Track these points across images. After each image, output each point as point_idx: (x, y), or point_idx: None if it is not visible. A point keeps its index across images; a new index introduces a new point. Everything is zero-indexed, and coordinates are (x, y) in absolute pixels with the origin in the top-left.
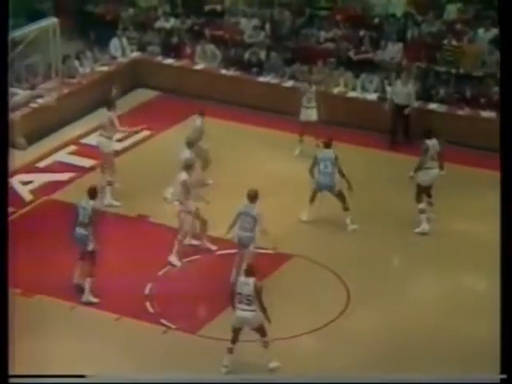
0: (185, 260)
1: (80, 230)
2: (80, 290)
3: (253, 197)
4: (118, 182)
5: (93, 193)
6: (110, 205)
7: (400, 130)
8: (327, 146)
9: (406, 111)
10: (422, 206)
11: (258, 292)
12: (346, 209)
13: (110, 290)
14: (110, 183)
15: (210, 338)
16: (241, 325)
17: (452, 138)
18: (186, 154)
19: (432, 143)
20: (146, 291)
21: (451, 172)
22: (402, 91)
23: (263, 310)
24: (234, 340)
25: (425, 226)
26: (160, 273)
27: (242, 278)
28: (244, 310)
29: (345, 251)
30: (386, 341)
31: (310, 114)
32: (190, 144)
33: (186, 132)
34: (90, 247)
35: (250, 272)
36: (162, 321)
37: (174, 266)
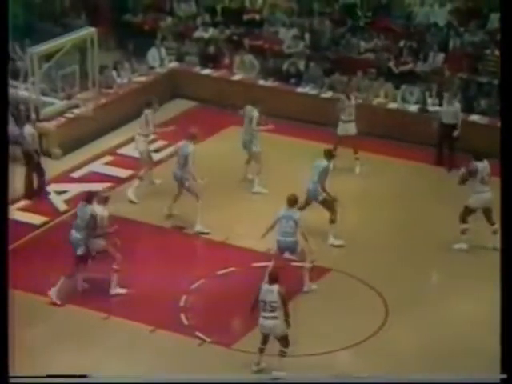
0: (219, 272)
1: (75, 234)
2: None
3: (293, 201)
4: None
5: (89, 198)
6: (129, 199)
7: (446, 146)
8: (324, 154)
9: (456, 133)
10: (465, 226)
11: (282, 298)
12: (331, 221)
13: (145, 301)
14: (140, 178)
15: (245, 351)
16: (266, 332)
17: (494, 150)
18: (192, 148)
19: (483, 166)
20: (181, 303)
21: (494, 186)
22: (448, 110)
23: (286, 315)
24: (264, 342)
25: (463, 246)
26: (195, 285)
27: (266, 286)
28: (267, 317)
29: (382, 265)
30: (425, 355)
31: (349, 128)
32: (194, 138)
33: (223, 143)
34: (80, 251)
35: (273, 279)
36: (197, 333)
37: None
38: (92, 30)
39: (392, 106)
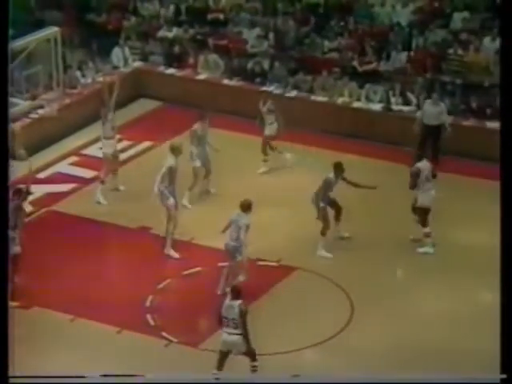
0: (185, 272)
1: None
2: None
3: (245, 207)
4: (122, 185)
5: (15, 193)
6: (98, 202)
7: (429, 150)
8: (333, 167)
9: (444, 134)
10: (427, 230)
11: (242, 316)
12: (322, 233)
13: (111, 302)
14: (102, 181)
15: (212, 351)
16: (228, 349)
17: (457, 148)
18: (171, 161)
19: (424, 165)
20: (147, 303)
21: (456, 183)
22: (434, 111)
23: (246, 334)
24: (220, 366)
25: (429, 250)
26: (161, 285)
27: (228, 301)
28: (231, 333)
29: (348, 264)
30: (390, 354)
31: (267, 130)
32: (175, 150)
33: (188, 142)
34: (14, 250)
35: (235, 295)
36: (163, 334)
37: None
38: (56, 29)
39: (356, 104)
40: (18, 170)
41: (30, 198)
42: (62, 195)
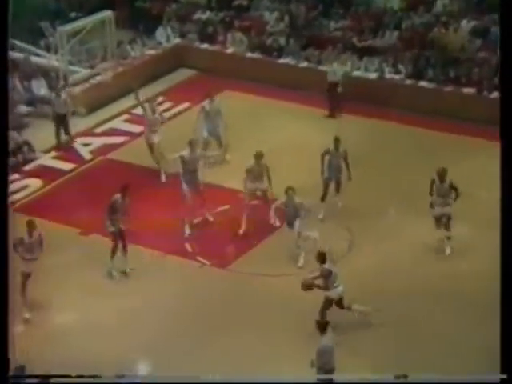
0: (217, 210)
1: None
2: None
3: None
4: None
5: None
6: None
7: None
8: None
9: (339, 89)
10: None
11: None
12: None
13: (158, 232)
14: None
15: (237, 272)
16: None
17: (438, 109)
18: (184, 152)
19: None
20: (186, 234)
21: (439, 139)
22: (330, 71)
23: None
24: None
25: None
26: (196, 220)
27: None
28: None
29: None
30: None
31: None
32: (192, 144)
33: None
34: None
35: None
36: (198, 258)
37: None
38: (109, 12)
39: (356, 73)
40: (79, 124)
41: (90, 147)
42: (114, 146)
